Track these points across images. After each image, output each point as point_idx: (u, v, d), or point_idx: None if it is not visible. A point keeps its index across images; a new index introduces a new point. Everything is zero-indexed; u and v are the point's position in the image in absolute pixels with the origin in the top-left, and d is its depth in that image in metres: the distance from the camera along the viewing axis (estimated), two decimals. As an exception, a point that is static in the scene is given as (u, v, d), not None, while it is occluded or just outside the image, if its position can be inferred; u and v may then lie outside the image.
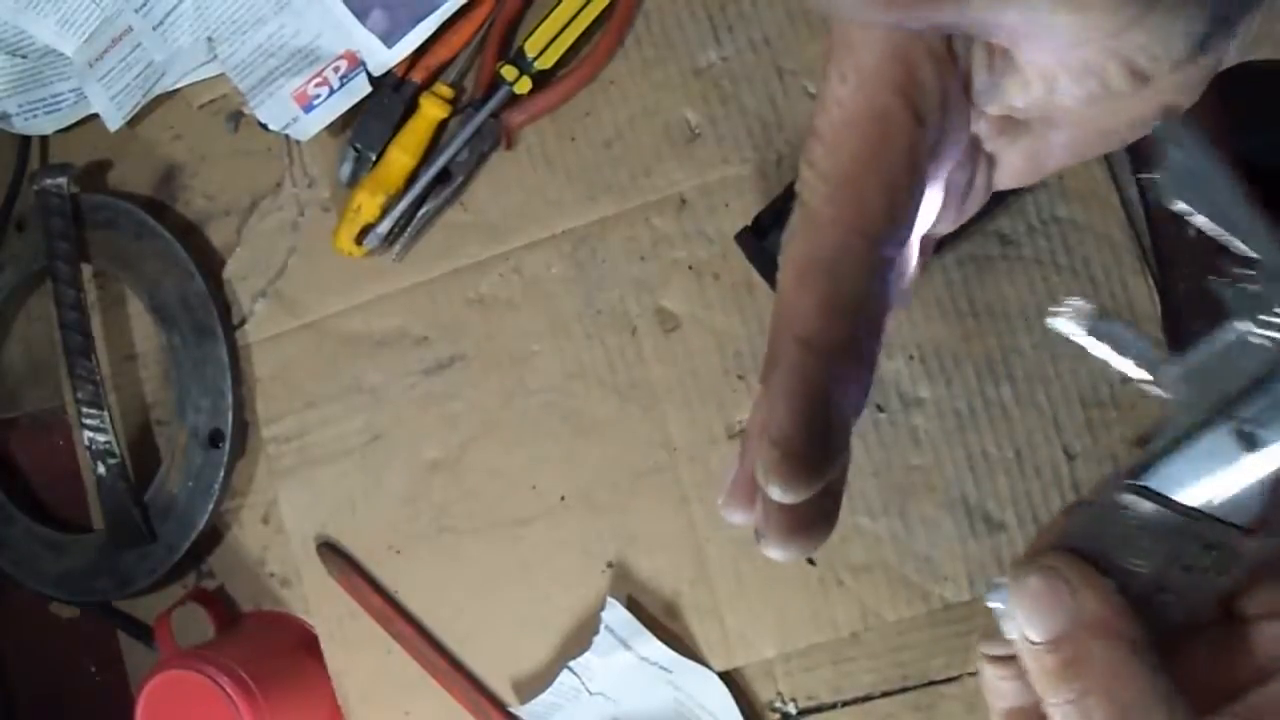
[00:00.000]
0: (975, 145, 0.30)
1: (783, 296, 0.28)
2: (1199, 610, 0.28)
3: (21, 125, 0.69)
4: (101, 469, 0.64)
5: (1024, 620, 0.28)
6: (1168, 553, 0.28)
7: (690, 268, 0.58)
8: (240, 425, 0.64)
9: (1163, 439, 0.28)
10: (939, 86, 0.27)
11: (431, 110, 0.60)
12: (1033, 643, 0.28)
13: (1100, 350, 0.29)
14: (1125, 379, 0.29)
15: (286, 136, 0.63)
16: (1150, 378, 0.29)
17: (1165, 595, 0.28)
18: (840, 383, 0.27)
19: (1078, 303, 0.29)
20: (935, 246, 0.33)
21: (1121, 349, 0.29)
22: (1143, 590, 0.28)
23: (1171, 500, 0.28)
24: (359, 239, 0.61)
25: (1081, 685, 0.27)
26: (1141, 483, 0.28)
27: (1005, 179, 0.31)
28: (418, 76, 0.61)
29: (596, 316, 0.60)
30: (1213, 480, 0.28)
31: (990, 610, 0.30)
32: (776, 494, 0.27)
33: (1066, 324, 0.29)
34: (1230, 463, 0.28)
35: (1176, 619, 0.28)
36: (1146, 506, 0.28)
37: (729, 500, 0.30)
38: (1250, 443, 0.28)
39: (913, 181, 0.27)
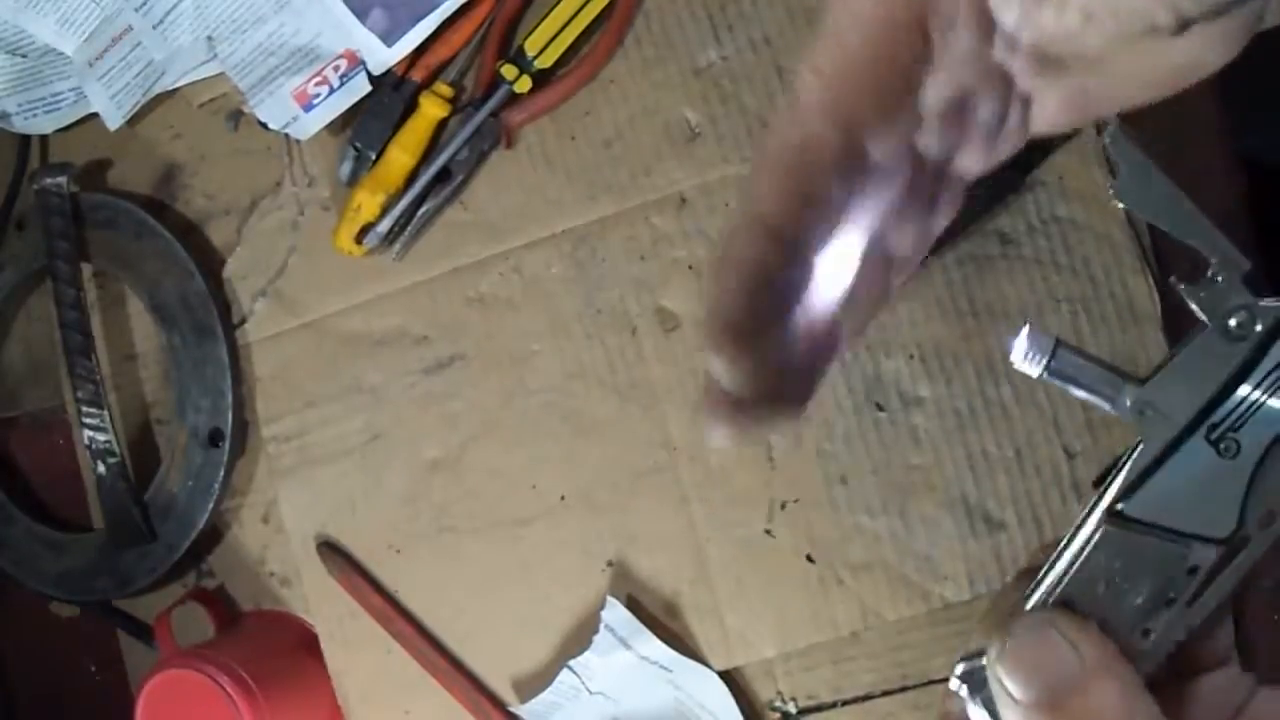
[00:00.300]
0: (1008, 82, 0.29)
1: (752, 178, 0.27)
2: (1171, 648, 0.28)
3: (21, 124, 0.69)
4: (101, 468, 0.64)
5: (1015, 681, 0.26)
6: (1152, 586, 0.28)
7: (690, 267, 0.58)
8: (240, 425, 0.64)
9: (1139, 460, 0.28)
10: (956, 6, 0.26)
11: (431, 109, 0.60)
12: (1022, 703, 0.26)
13: (1058, 383, 0.29)
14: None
15: (286, 135, 0.63)
16: (1109, 406, 0.28)
17: (1146, 637, 0.28)
18: (790, 275, 0.26)
19: (1035, 336, 0.28)
20: (935, 245, 0.32)
21: (1079, 381, 0.28)
22: (1124, 632, 0.28)
23: (1153, 525, 0.27)
24: (359, 238, 0.61)
25: None
26: (1121, 510, 0.28)
27: (1043, 122, 0.30)
28: (418, 75, 0.61)
29: (596, 316, 0.60)
30: (1192, 496, 0.27)
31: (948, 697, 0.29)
32: (717, 368, 0.27)
33: (1023, 362, 0.28)
34: (1208, 474, 0.27)
35: (1158, 657, 0.28)
36: (1129, 538, 0.28)
37: (706, 413, 0.29)
38: (1225, 449, 0.27)
39: (906, 92, 0.26)
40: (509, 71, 0.59)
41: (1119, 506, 0.28)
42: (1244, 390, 0.27)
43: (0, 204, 0.68)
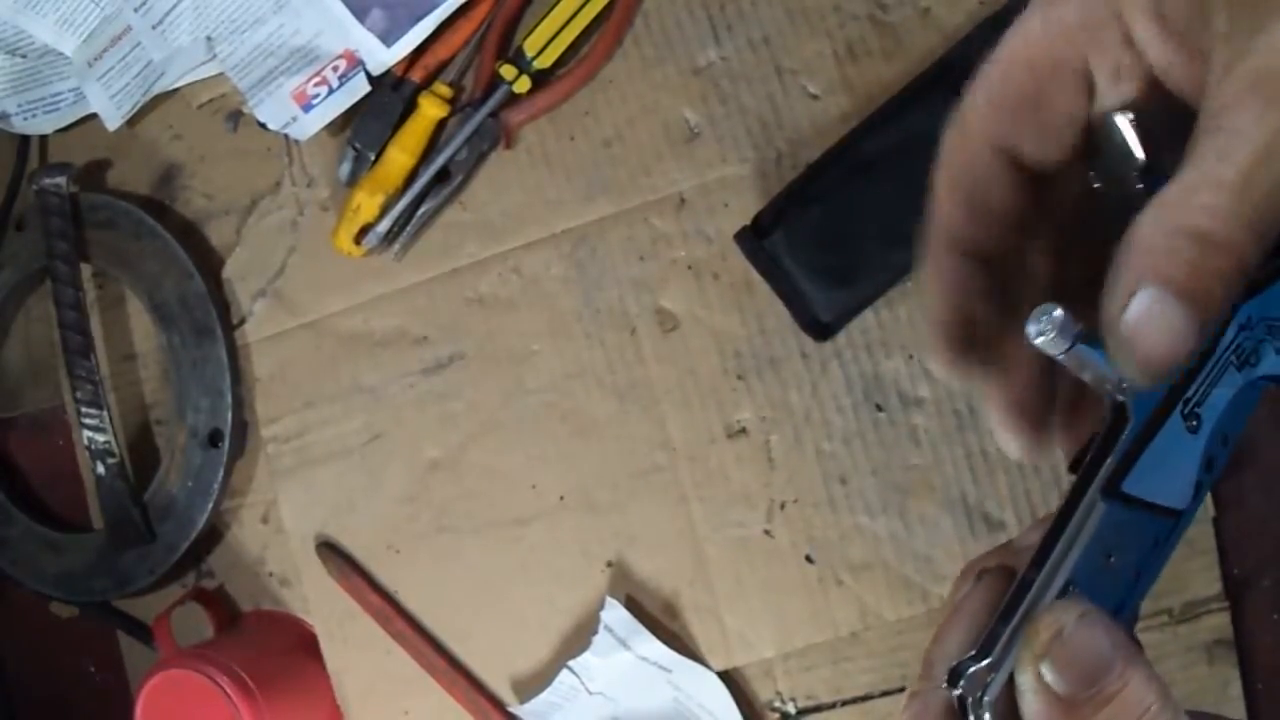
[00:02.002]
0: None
1: (932, 196, 0.31)
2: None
3: (21, 125, 0.69)
4: (101, 469, 0.64)
5: (1059, 675, 0.26)
6: (1135, 565, 0.28)
7: (689, 267, 0.58)
8: (239, 425, 0.64)
9: (1128, 438, 0.28)
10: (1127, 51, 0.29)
11: (430, 109, 0.60)
12: (1064, 697, 0.26)
13: (1070, 366, 0.28)
14: None
15: (286, 136, 0.63)
16: (1109, 388, 0.28)
17: (1120, 615, 0.28)
18: (979, 282, 0.30)
19: (1064, 320, 0.27)
20: None
21: (1090, 366, 0.28)
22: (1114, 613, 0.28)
23: (1142, 501, 0.28)
24: (358, 238, 0.61)
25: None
26: (1120, 488, 0.27)
27: None
28: (417, 76, 0.61)
29: (595, 316, 0.60)
30: (1170, 471, 0.28)
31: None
32: (939, 373, 0.32)
33: (1044, 342, 0.28)
34: (1180, 449, 0.28)
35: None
36: (1127, 516, 0.27)
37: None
38: (1191, 425, 0.28)
39: (1069, 126, 0.30)
40: (508, 72, 0.59)
41: (1120, 485, 0.28)
42: (1206, 368, 0.28)
43: (0, 204, 0.68)
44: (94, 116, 0.67)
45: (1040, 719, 0.26)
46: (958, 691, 0.27)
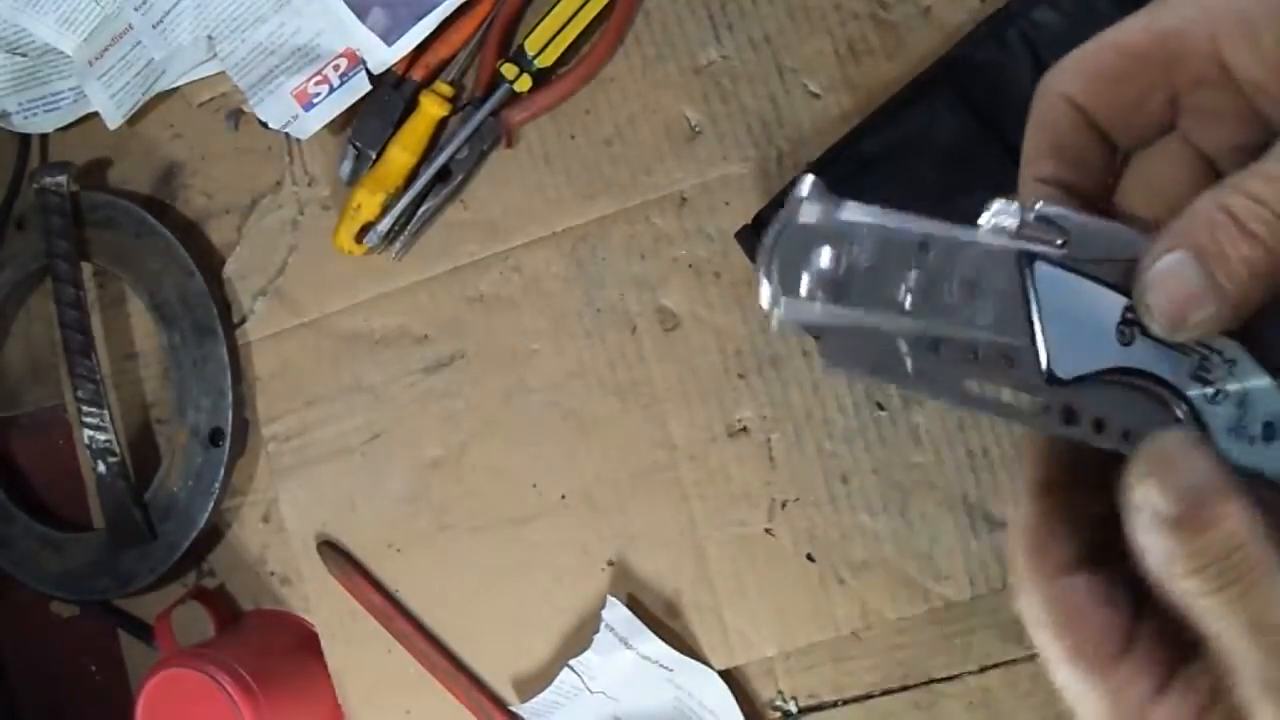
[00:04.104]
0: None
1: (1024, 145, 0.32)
2: None
3: (21, 123, 0.69)
4: (102, 468, 0.64)
5: (1165, 495, 0.26)
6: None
7: (690, 266, 0.58)
8: (240, 424, 0.64)
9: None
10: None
11: (431, 108, 0.60)
12: (1169, 519, 0.26)
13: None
14: None
15: (286, 135, 0.63)
16: None
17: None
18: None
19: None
20: None
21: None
22: None
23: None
24: (359, 237, 0.61)
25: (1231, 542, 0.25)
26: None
27: None
28: (418, 74, 0.61)
29: (597, 315, 0.60)
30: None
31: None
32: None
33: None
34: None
35: None
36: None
37: None
38: None
39: (1142, 115, 0.31)
40: (509, 70, 0.59)
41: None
42: None
43: (0, 203, 0.68)
44: (94, 115, 0.67)
45: (1149, 537, 0.26)
46: (1018, 224, 0.28)
